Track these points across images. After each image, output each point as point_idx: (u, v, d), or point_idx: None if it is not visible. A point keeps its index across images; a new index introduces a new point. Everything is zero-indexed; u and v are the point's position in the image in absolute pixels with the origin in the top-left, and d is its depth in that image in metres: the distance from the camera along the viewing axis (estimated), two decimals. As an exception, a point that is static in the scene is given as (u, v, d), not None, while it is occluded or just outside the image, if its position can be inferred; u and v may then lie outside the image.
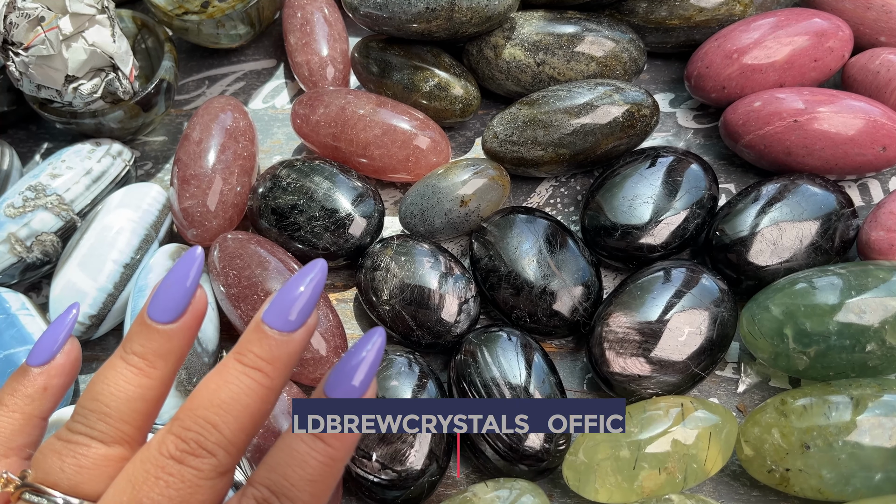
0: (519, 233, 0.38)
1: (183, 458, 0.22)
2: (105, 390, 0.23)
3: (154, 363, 0.24)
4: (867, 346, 0.32)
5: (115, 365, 0.24)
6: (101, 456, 0.23)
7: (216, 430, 0.22)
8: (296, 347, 0.23)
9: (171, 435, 0.22)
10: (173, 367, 0.24)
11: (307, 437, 0.23)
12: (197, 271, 0.24)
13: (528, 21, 0.45)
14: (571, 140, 0.41)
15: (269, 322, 0.23)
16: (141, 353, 0.24)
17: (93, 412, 0.23)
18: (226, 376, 0.23)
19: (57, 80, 0.40)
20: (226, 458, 0.22)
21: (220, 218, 0.41)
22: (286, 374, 0.23)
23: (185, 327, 0.24)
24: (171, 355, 0.24)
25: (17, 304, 0.40)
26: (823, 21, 0.42)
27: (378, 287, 0.38)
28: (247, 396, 0.22)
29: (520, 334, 0.36)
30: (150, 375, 0.24)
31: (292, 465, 0.22)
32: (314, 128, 0.44)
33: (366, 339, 0.23)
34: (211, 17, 0.47)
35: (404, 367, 0.36)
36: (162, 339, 0.24)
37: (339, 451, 0.23)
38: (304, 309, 0.23)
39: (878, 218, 0.37)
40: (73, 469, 0.22)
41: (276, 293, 0.23)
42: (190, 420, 0.22)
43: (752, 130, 0.41)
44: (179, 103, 0.51)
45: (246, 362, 0.23)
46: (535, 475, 0.34)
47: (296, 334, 0.23)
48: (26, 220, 0.41)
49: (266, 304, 0.23)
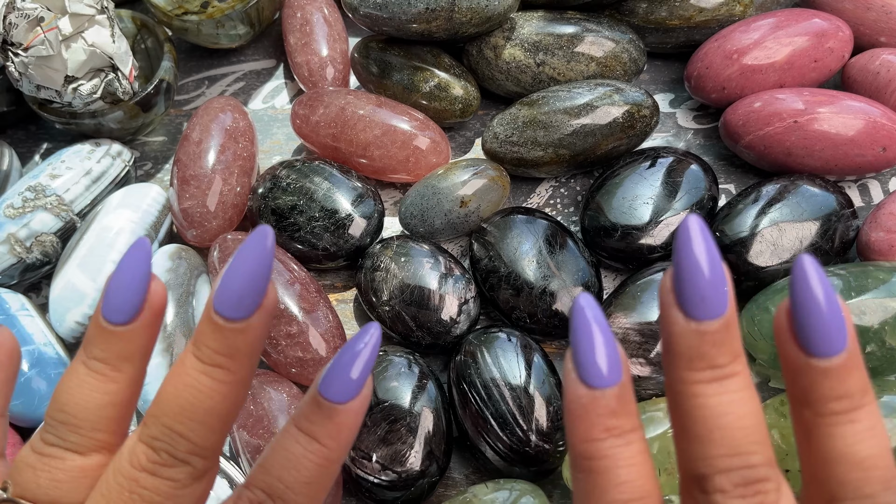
0: (519, 233, 0.38)
1: (156, 469, 0.21)
2: (71, 401, 0.22)
3: (119, 367, 0.22)
4: (867, 348, 0.32)
5: (78, 372, 0.22)
6: (77, 468, 0.22)
7: (184, 438, 0.21)
8: (256, 335, 0.21)
9: (142, 444, 0.21)
10: (140, 367, 0.23)
11: (302, 438, 0.22)
12: (147, 263, 0.22)
13: (527, 21, 0.45)
14: (571, 141, 0.41)
15: (220, 310, 0.20)
16: (103, 357, 0.22)
17: (62, 424, 0.22)
18: (184, 378, 0.21)
19: (56, 81, 0.40)
20: (201, 462, 0.21)
21: (219, 218, 0.41)
22: (251, 363, 0.22)
23: (145, 325, 0.22)
24: (136, 356, 0.22)
25: (16, 305, 0.40)
26: (823, 21, 0.42)
27: (378, 288, 0.38)
28: (209, 399, 0.21)
29: (520, 335, 0.36)
30: (115, 380, 0.22)
31: (287, 467, 0.21)
32: (314, 128, 0.44)
33: (361, 334, 0.22)
34: (210, 17, 0.47)
35: (404, 367, 0.36)
36: (122, 342, 0.22)
37: (335, 452, 0.22)
38: (255, 289, 0.20)
39: (878, 219, 0.37)
40: (49, 484, 0.21)
41: (220, 276, 0.21)
42: (156, 429, 0.21)
43: (752, 131, 0.41)
44: (179, 103, 0.51)
45: (204, 359, 0.21)
46: (535, 476, 0.34)
47: (252, 319, 0.20)
48: (26, 221, 0.41)
49: (213, 289, 0.21)
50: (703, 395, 0.18)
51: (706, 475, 0.18)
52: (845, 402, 0.18)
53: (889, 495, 0.18)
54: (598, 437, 0.19)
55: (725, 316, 0.18)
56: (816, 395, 0.18)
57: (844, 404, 0.18)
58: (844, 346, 0.18)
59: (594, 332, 0.19)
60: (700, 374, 0.18)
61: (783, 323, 0.19)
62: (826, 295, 0.18)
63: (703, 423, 0.18)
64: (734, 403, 0.18)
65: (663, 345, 0.19)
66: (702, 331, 0.18)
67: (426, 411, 0.34)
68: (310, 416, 0.22)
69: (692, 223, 0.18)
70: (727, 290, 0.18)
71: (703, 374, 0.18)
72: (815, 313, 0.18)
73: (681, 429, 0.19)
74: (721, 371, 0.18)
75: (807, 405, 0.19)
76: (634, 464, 0.19)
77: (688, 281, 0.18)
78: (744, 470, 0.18)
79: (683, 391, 0.19)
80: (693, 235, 0.18)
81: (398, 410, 0.34)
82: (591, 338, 0.19)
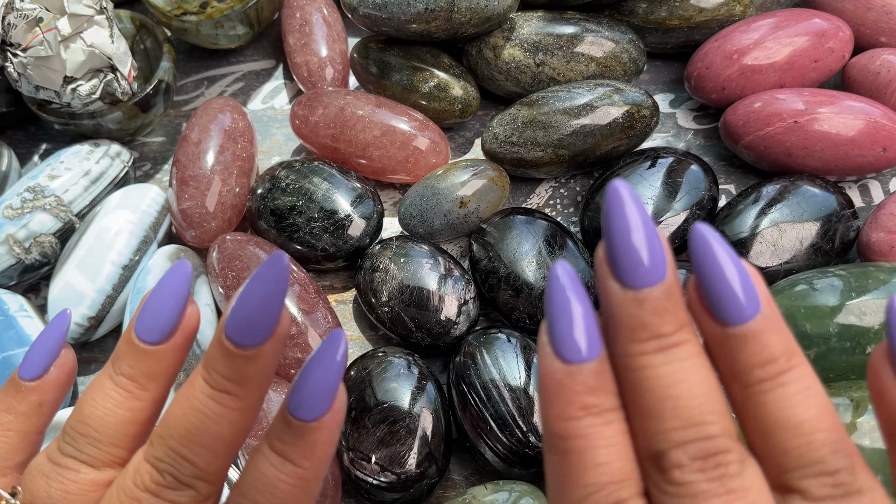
0: (518, 234, 0.38)
1: (159, 491, 0.20)
2: (94, 413, 0.22)
3: (145, 385, 0.22)
4: (867, 348, 0.32)
5: (103, 386, 0.22)
6: (89, 481, 0.22)
7: (189, 463, 0.21)
8: (267, 362, 0.20)
9: (146, 464, 0.21)
10: (165, 388, 0.23)
11: (275, 460, 0.21)
12: (186, 286, 0.22)
13: (527, 21, 0.44)
14: (571, 141, 0.41)
15: (231, 336, 0.20)
16: (130, 374, 0.22)
17: (82, 436, 0.22)
18: (192, 401, 0.21)
19: (55, 81, 0.40)
20: (205, 487, 0.21)
21: (218, 219, 0.41)
22: (261, 390, 0.21)
23: (176, 347, 0.22)
24: (162, 377, 0.23)
25: (15, 306, 0.40)
26: (823, 21, 0.42)
27: (377, 288, 0.38)
28: (216, 424, 0.20)
29: (519, 336, 0.36)
30: (140, 398, 0.22)
31: (261, 490, 0.20)
32: (313, 128, 0.44)
33: (327, 344, 0.20)
34: (210, 17, 0.47)
35: (403, 368, 0.35)
36: (151, 361, 0.22)
37: (311, 471, 0.21)
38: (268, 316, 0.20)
39: (879, 219, 0.37)
40: (59, 494, 0.21)
41: (233, 300, 0.20)
42: (162, 450, 0.21)
43: (752, 131, 0.41)
44: (178, 104, 0.51)
45: (213, 384, 0.21)
46: (535, 477, 0.34)
47: (264, 347, 0.20)
48: (25, 222, 0.41)
49: (225, 313, 0.20)
50: (649, 366, 0.17)
51: (661, 451, 0.17)
52: (770, 368, 0.17)
53: (839, 459, 0.16)
54: (575, 415, 0.17)
55: (665, 282, 0.17)
56: (740, 365, 0.17)
57: (770, 370, 0.17)
58: (758, 310, 0.17)
59: (572, 304, 0.18)
60: (644, 346, 0.17)
61: (693, 298, 0.18)
62: (731, 260, 0.17)
63: (653, 396, 0.17)
64: (684, 371, 0.17)
65: (604, 320, 0.18)
66: (640, 299, 0.17)
67: (425, 412, 0.34)
68: (281, 437, 0.21)
69: (620, 188, 0.17)
70: (665, 256, 0.17)
71: (648, 345, 0.17)
72: (720, 279, 0.17)
73: (631, 406, 0.18)
74: (666, 340, 0.17)
75: (734, 379, 0.18)
76: (614, 444, 0.17)
77: (621, 248, 0.17)
78: (701, 442, 0.16)
79: (629, 364, 0.17)
80: (623, 200, 0.17)
81: (397, 412, 0.34)
82: (568, 309, 0.18)
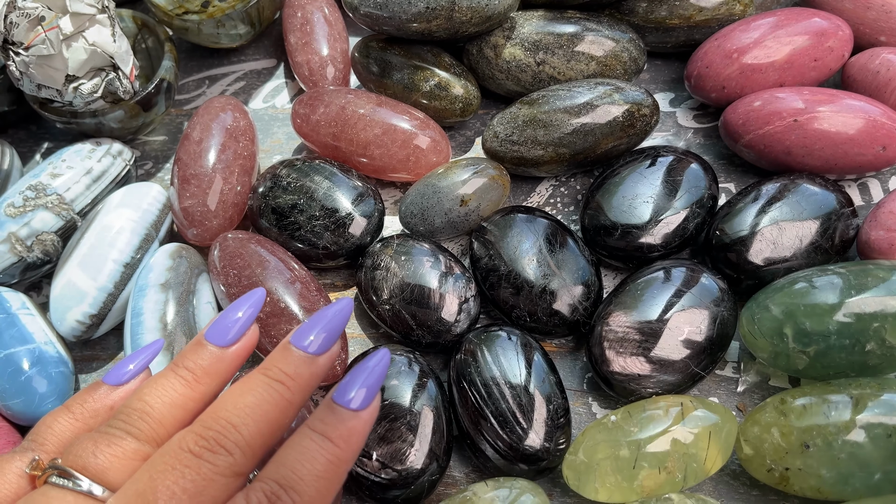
0: (519, 232, 0.39)
1: (201, 452, 0.23)
2: (152, 392, 0.25)
3: (201, 379, 0.26)
4: (867, 346, 0.32)
5: (165, 375, 0.26)
6: (132, 450, 0.24)
7: (236, 430, 0.23)
8: (318, 369, 0.26)
9: (192, 433, 0.23)
10: (216, 388, 0.26)
11: (316, 437, 0.24)
12: (256, 308, 0.28)
13: (528, 21, 0.45)
14: (571, 139, 0.41)
15: (295, 343, 0.26)
16: (191, 367, 0.26)
17: (135, 410, 0.25)
18: (250, 384, 0.25)
19: (57, 80, 0.40)
20: (242, 458, 0.23)
21: (220, 217, 0.41)
22: (306, 392, 0.25)
23: (236, 353, 0.27)
24: (218, 376, 0.26)
25: (17, 304, 0.40)
26: (823, 21, 0.42)
27: (378, 286, 0.38)
28: (268, 404, 0.24)
29: (520, 334, 0.36)
30: (194, 389, 0.26)
31: (301, 461, 0.24)
32: (314, 127, 0.44)
33: (375, 354, 0.27)
34: (211, 16, 0.47)
35: (404, 366, 0.36)
36: (212, 359, 0.26)
37: (346, 453, 0.24)
38: (329, 336, 0.26)
39: (878, 217, 0.37)
40: (105, 456, 0.24)
41: (310, 318, 0.27)
42: (212, 420, 0.24)
43: (751, 130, 0.41)
44: (180, 103, 0.51)
45: (270, 375, 0.25)
46: (535, 474, 0.34)
47: (320, 358, 0.26)
48: (27, 220, 0.41)
49: (298, 327, 0.27)
50: None
51: None
52: None
53: None
54: None
55: None
56: None
57: None
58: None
59: None
60: None
61: None
62: None
63: None
64: None
65: None
66: None
67: (426, 410, 0.34)
68: (324, 419, 0.25)
69: None
70: None
71: None
72: None
73: None
74: None
75: None
76: None
77: None
78: None
79: None
80: None
81: (398, 409, 0.34)
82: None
